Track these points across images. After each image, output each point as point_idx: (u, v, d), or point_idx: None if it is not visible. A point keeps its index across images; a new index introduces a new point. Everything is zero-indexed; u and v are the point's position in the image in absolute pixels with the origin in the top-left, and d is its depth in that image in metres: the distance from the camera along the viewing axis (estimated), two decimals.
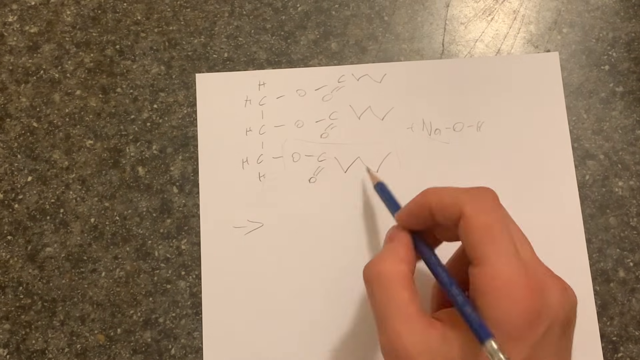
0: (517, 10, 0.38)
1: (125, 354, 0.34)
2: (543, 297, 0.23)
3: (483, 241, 0.24)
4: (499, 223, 0.24)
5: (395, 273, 0.26)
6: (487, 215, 0.24)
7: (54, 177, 0.36)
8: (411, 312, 0.24)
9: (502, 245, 0.24)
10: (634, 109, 0.37)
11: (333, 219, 0.35)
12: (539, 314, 0.23)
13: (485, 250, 0.24)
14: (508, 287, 0.23)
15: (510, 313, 0.23)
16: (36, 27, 0.38)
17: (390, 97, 0.37)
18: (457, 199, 0.25)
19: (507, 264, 0.23)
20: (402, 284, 0.25)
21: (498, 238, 0.24)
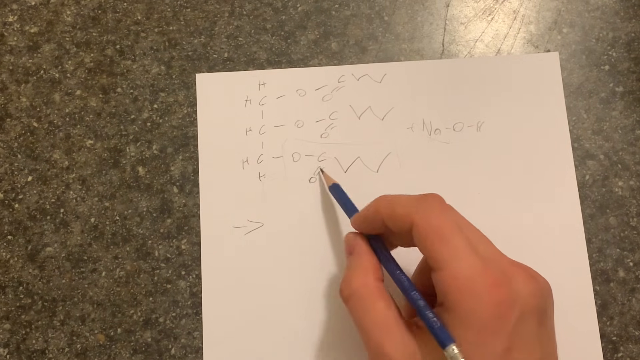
0: (517, 10, 0.38)
1: (125, 354, 0.34)
2: (508, 288, 0.24)
3: (436, 245, 0.24)
4: (448, 224, 0.25)
5: (366, 288, 0.26)
6: (436, 219, 0.25)
7: (54, 177, 0.36)
8: (389, 320, 0.25)
9: (456, 245, 0.24)
10: (634, 109, 0.37)
11: (333, 219, 0.35)
12: (507, 305, 0.23)
13: (440, 254, 0.24)
14: (469, 284, 0.23)
15: (476, 309, 0.23)
16: (36, 27, 0.38)
17: (390, 97, 0.37)
18: (407, 208, 0.26)
19: (463, 262, 0.24)
20: (375, 296, 0.26)
21: (450, 239, 0.24)
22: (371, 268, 0.27)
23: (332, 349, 0.33)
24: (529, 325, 0.24)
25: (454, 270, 0.24)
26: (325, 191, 0.35)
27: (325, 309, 0.34)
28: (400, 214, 0.26)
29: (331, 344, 0.33)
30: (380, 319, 0.25)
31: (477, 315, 0.23)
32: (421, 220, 0.25)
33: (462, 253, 0.24)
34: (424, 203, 0.26)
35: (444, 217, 0.25)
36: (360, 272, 0.27)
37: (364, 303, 0.26)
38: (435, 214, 0.25)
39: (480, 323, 0.23)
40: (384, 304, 0.26)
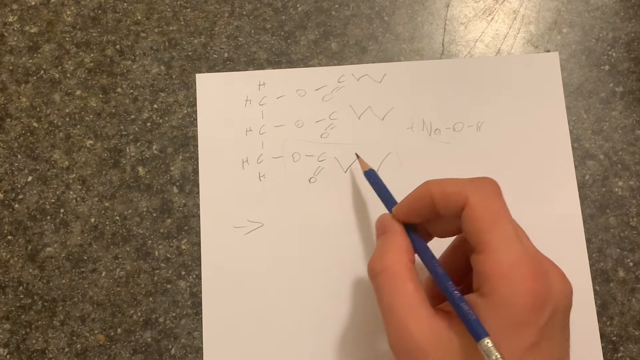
0: (517, 10, 0.38)
1: (125, 354, 0.34)
2: (547, 283, 0.23)
3: (487, 228, 0.24)
4: (502, 211, 0.25)
5: (398, 266, 0.26)
6: (491, 203, 0.25)
7: (54, 177, 0.36)
8: (417, 302, 0.25)
9: (506, 232, 0.24)
10: (634, 109, 0.37)
11: (333, 218, 0.35)
12: (543, 298, 0.23)
13: (489, 237, 0.24)
14: (513, 271, 0.23)
15: (515, 297, 0.23)
16: (36, 27, 0.38)
17: (390, 97, 0.37)
18: (461, 188, 0.25)
19: (511, 250, 0.23)
20: (406, 275, 0.26)
21: (502, 225, 0.24)
22: (404, 247, 0.27)
23: (332, 348, 0.33)
24: (557, 322, 0.24)
25: (500, 254, 0.23)
26: (329, 191, 0.35)
27: (326, 309, 0.34)
28: (453, 192, 0.25)
29: (331, 344, 0.33)
30: (408, 300, 0.25)
31: (514, 304, 0.23)
32: (476, 200, 0.25)
33: (511, 240, 0.24)
34: (481, 184, 0.26)
35: (499, 203, 0.25)
36: (393, 250, 0.27)
37: (394, 281, 0.26)
38: (491, 196, 0.25)
39: (515, 312, 0.23)
40: (413, 285, 0.25)
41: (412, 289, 0.25)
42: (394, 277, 0.26)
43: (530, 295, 0.23)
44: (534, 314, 0.23)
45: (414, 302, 0.25)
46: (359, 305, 0.34)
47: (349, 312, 0.34)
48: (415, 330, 0.24)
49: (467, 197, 0.25)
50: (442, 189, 0.26)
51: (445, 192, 0.26)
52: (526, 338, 0.23)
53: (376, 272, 0.26)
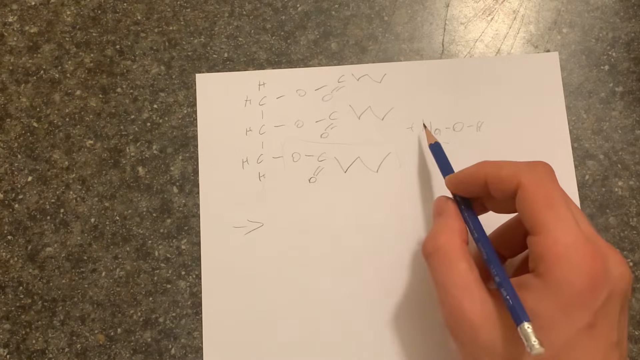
0: (517, 10, 0.38)
1: (125, 354, 0.34)
2: (604, 265, 0.24)
3: (542, 210, 0.24)
4: (557, 192, 0.25)
5: (452, 246, 0.27)
6: (546, 185, 0.25)
7: (54, 177, 0.36)
8: (470, 281, 0.26)
9: (562, 213, 0.24)
10: (634, 109, 0.37)
11: (333, 218, 0.35)
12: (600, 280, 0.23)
13: (544, 219, 0.24)
14: (569, 252, 0.23)
15: (571, 277, 0.23)
16: (36, 27, 0.38)
17: (390, 97, 0.37)
18: (515, 170, 0.26)
19: (567, 230, 0.24)
20: (459, 255, 0.26)
21: (557, 206, 0.24)
22: (458, 229, 0.28)
23: (332, 349, 0.33)
24: (613, 306, 0.24)
25: (555, 235, 0.24)
26: (329, 191, 0.35)
27: (326, 309, 0.34)
28: (507, 174, 0.26)
29: (331, 344, 0.33)
30: (461, 278, 0.26)
31: (570, 284, 0.23)
32: (530, 182, 0.25)
33: (566, 221, 0.24)
34: (535, 167, 0.26)
35: (555, 185, 0.25)
36: (447, 230, 0.28)
37: (448, 260, 0.26)
38: (546, 179, 0.25)
39: (571, 293, 0.23)
40: (466, 264, 0.26)
41: (465, 269, 0.26)
42: (446, 256, 0.27)
43: (585, 277, 0.23)
44: (589, 296, 0.23)
45: (467, 282, 0.26)
46: (359, 305, 0.34)
47: (349, 311, 0.34)
48: (468, 309, 0.25)
49: (520, 179, 0.25)
50: (496, 170, 0.26)
51: (499, 175, 0.26)
52: (581, 319, 0.23)
53: (429, 252, 0.27)
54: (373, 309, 0.34)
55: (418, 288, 0.34)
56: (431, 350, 0.33)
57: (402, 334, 0.33)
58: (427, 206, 0.35)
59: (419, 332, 0.33)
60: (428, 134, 0.34)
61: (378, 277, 0.34)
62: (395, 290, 0.34)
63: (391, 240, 0.35)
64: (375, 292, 0.34)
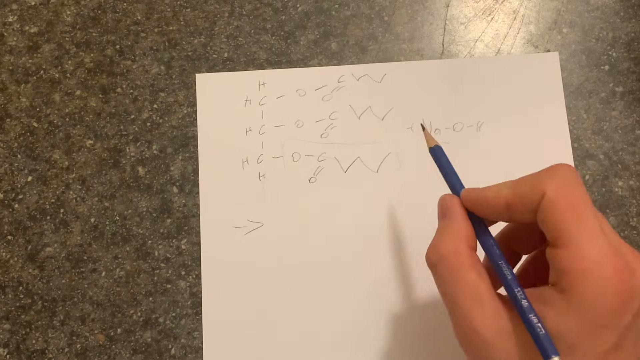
0: (517, 10, 0.38)
1: (125, 354, 0.34)
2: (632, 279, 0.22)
3: (568, 221, 0.22)
4: (583, 200, 0.23)
5: (459, 254, 0.24)
6: (571, 192, 0.23)
7: (54, 177, 0.36)
8: (481, 293, 0.23)
9: (588, 225, 0.22)
10: (634, 109, 0.37)
11: (333, 218, 0.35)
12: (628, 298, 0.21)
13: (570, 231, 0.22)
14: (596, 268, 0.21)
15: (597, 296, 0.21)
16: (36, 27, 0.38)
17: (390, 97, 0.37)
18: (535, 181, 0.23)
19: (594, 244, 0.22)
20: (467, 264, 0.24)
21: (584, 217, 0.22)
22: (464, 234, 0.25)
23: (332, 349, 0.33)
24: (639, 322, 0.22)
25: (583, 250, 0.22)
26: (329, 191, 0.35)
27: (325, 309, 0.34)
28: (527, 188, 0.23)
29: (331, 344, 0.33)
30: (471, 291, 0.23)
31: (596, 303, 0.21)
32: (554, 191, 0.23)
33: (595, 234, 0.22)
34: (557, 173, 0.23)
35: (579, 191, 0.23)
36: (451, 236, 0.25)
37: (454, 272, 0.24)
38: (570, 185, 0.23)
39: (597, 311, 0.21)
40: (475, 274, 0.24)
41: (474, 279, 0.23)
42: (453, 267, 0.24)
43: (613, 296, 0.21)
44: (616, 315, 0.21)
45: (477, 293, 0.23)
46: (359, 305, 0.34)
47: (349, 311, 0.34)
48: (480, 325, 0.23)
49: (543, 189, 0.23)
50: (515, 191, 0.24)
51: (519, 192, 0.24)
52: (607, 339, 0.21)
53: (434, 262, 0.25)
54: (373, 309, 0.34)
55: (418, 288, 0.34)
56: (432, 349, 0.33)
57: (402, 334, 0.33)
58: (427, 206, 0.35)
59: (419, 332, 0.33)
60: (427, 135, 0.31)
61: (378, 277, 0.34)
62: (395, 290, 0.34)
63: (391, 240, 0.35)
64: (375, 292, 0.34)
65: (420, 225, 0.35)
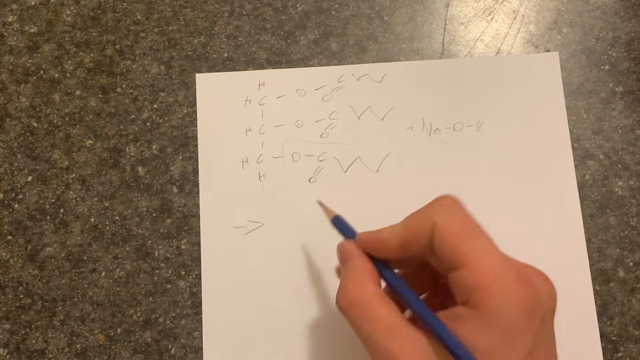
0: (517, 10, 0.38)
1: (125, 354, 0.34)
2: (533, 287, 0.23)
3: (462, 243, 0.24)
4: (470, 222, 0.24)
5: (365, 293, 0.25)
6: (458, 220, 0.24)
7: (54, 177, 0.36)
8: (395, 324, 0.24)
9: (481, 244, 0.24)
10: (634, 109, 0.37)
11: None
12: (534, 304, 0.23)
13: (466, 251, 0.23)
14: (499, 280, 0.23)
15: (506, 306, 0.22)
16: (36, 27, 0.38)
17: (390, 97, 0.37)
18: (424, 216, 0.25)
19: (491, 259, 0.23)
20: (375, 301, 0.25)
21: (475, 236, 0.24)
22: (367, 273, 0.26)
23: (332, 349, 0.33)
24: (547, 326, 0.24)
25: (481, 266, 0.23)
26: (329, 191, 0.35)
27: (325, 309, 0.34)
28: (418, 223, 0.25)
29: (331, 344, 0.33)
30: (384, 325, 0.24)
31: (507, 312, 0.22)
32: (443, 220, 0.24)
33: (489, 250, 0.23)
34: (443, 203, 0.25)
35: (466, 215, 0.25)
36: (356, 279, 0.26)
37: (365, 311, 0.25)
38: (457, 212, 0.25)
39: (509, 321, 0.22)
40: (385, 308, 0.25)
41: (386, 312, 0.24)
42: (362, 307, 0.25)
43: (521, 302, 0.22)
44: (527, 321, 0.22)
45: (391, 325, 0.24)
46: None
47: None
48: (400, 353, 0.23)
49: (432, 221, 0.24)
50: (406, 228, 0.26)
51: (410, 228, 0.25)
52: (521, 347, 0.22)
53: (345, 307, 0.26)
54: None
55: None
56: None
57: None
58: None
59: None
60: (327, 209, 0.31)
61: None
62: None
63: None
64: None
65: None
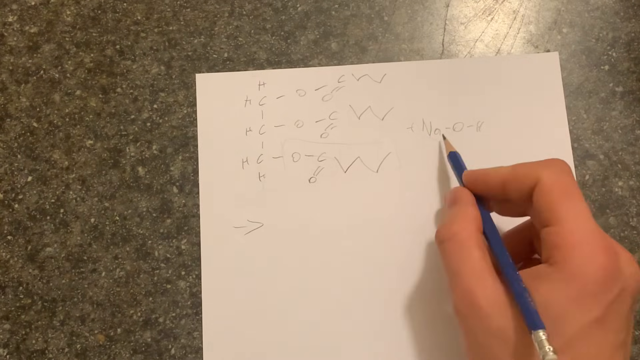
0: (517, 10, 0.38)
1: (125, 354, 0.34)
2: (617, 261, 0.24)
3: (560, 201, 0.25)
4: (574, 188, 0.26)
5: (467, 233, 0.27)
6: (564, 178, 0.26)
7: (54, 177, 0.36)
8: (483, 269, 0.26)
9: (579, 205, 0.25)
10: (634, 109, 0.37)
11: (333, 219, 0.35)
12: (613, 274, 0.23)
13: (562, 210, 0.25)
14: (585, 242, 0.24)
15: (586, 267, 0.23)
16: (36, 27, 0.38)
17: (390, 97, 0.37)
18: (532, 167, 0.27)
19: (584, 223, 0.24)
20: (474, 243, 0.27)
21: (575, 198, 0.25)
22: (474, 216, 0.28)
23: (332, 349, 0.33)
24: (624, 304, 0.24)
25: (572, 226, 0.24)
26: (329, 191, 0.35)
27: (325, 309, 0.34)
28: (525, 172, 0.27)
29: (331, 344, 0.33)
30: (475, 266, 0.26)
31: (585, 273, 0.23)
32: (549, 176, 0.26)
33: (583, 214, 0.25)
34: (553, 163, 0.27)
35: (571, 179, 0.26)
36: (463, 218, 0.28)
37: (462, 248, 0.27)
38: (564, 173, 0.26)
39: (584, 282, 0.23)
40: (480, 252, 0.26)
41: (479, 256, 0.26)
42: (461, 244, 0.27)
43: (600, 268, 0.23)
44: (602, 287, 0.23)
45: (480, 269, 0.26)
46: (358, 305, 0.34)
47: (348, 312, 0.34)
48: (481, 295, 0.25)
49: (538, 174, 0.26)
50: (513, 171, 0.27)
51: (517, 173, 0.27)
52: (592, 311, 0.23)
53: (444, 238, 0.28)
54: (372, 309, 0.34)
55: (417, 287, 0.34)
56: (432, 349, 0.33)
57: (401, 334, 0.33)
58: (426, 206, 0.35)
59: (419, 332, 0.33)
60: (447, 144, 0.35)
61: (378, 277, 0.34)
62: (395, 290, 0.34)
63: (391, 240, 0.35)
64: (375, 292, 0.34)
65: (421, 225, 0.35)
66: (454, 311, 0.27)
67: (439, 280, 0.34)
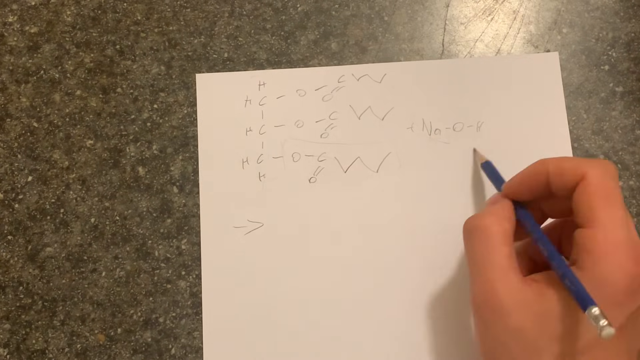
0: (517, 10, 0.38)
1: (125, 354, 0.34)
2: None
3: (601, 205, 0.24)
4: (616, 193, 0.25)
5: (498, 228, 0.26)
6: (609, 182, 0.25)
7: (54, 177, 0.36)
8: (509, 266, 0.25)
9: (618, 212, 0.24)
10: (634, 109, 0.37)
11: (333, 219, 0.35)
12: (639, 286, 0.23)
13: (600, 214, 0.24)
14: (617, 251, 0.23)
15: (614, 275, 0.23)
16: (36, 27, 0.38)
17: (390, 97, 0.37)
18: (579, 163, 0.26)
19: (619, 231, 0.24)
20: (503, 239, 0.26)
21: (615, 205, 0.25)
22: (508, 216, 0.27)
23: (332, 349, 0.33)
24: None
25: (607, 232, 0.24)
26: (329, 191, 0.35)
27: (325, 308, 0.34)
28: (570, 168, 0.26)
29: (331, 344, 0.33)
30: (502, 261, 0.25)
31: (613, 282, 0.23)
32: (595, 175, 0.25)
33: (620, 222, 0.24)
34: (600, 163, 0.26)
35: (615, 184, 0.25)
36: (497, 215, 0.27)
37: (491, 240, 0.26)
38: (610, 176, 0.25)
39: (612, 291, 0.23)
40: (509, 250, 0.26)
41: (507, 253, 0.26)
42: (491, 236, 0.26)
43: (627, 277, 0.23)
44: (628, 297, 0.23)
45: (507, 265, 0.25)
46: (358, 305, 0.34)
47: (348, 312, 0.34)
48: (503, 291, 0.24)
49: (585, 172, 0.25)
50: (558, 165, 0.26)
51: (562, 167, 0.26)
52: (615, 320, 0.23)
53: (473, 227, 0.27)
54: (373, 309, 0.34)
55: (418, 287, 0.34)
56: (432, 350, 0.33)
57: (401, 334, 0.33)
58: (427, 206, 0.35)
59: (419, 332, 0.33)
60: (478, 154, 0.35)
61: (378, 277, 0.34)
62: (395, 290, 0.34)
63: (391, 240, 0.35)
64: (375, 292, 0.34)
65: (420, 225, 0.35)
66: (472, 303, 0.26)
67: (439, 280, 0.34)
